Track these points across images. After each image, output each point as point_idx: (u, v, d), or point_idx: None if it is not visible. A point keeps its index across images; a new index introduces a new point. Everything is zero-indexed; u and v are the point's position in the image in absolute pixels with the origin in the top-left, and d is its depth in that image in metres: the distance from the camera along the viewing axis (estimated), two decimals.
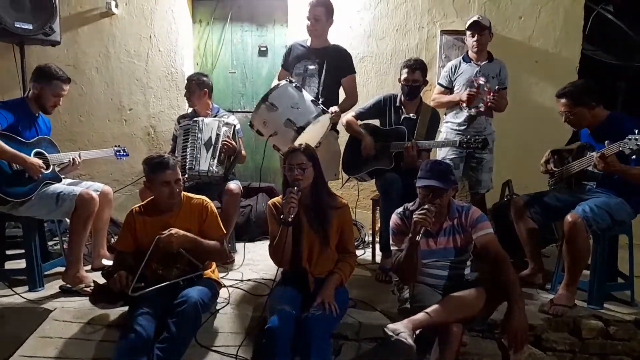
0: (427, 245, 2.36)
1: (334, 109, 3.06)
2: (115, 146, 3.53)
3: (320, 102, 3.09)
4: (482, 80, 3.39)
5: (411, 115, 3.32)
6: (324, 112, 3.00)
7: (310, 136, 2.77)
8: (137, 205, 2.60)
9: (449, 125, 3.64)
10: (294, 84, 3.02)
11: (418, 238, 2.18)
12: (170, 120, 4.40)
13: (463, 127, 3.53)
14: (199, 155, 3.34)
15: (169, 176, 2.41)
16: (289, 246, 2.35)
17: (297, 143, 2.56)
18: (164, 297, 2.34)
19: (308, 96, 3.06)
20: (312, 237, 2.42)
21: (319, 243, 2.41)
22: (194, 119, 3.46)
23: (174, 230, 2.35)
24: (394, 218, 2.46)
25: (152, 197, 2.55)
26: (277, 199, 2.49)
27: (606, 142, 2.55)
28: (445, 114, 3.70)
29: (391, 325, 2.06)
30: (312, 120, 2.89)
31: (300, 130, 2.85)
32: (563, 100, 2.78)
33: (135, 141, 4.54)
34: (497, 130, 3.67)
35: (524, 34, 4.30)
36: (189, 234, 2.40)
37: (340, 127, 3.40)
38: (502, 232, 3.18)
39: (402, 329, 2.02)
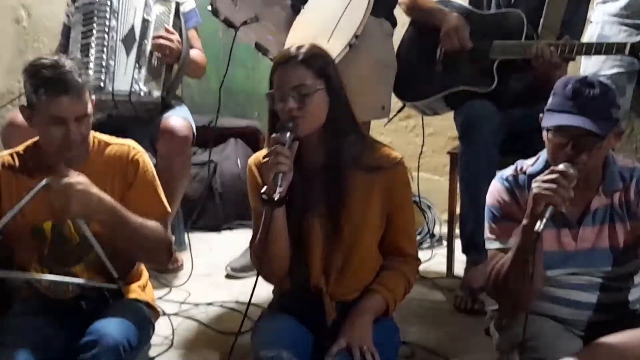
0: (559, 242, 1.63)
1: None
2: None
3: None
4: None
5: None
6: None
7: (325, 25, 1.87)
8: (5, 152, 1.77)
9: (606, 10, 2.41)
10: None
11: (540, 227, 1.45)
12: None
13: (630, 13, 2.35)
14: (112, 62, 2.28)
15: (68, 107, 1.50)
16: (283, 246, 1.55)
17: (292, 41, 1.78)
18: (53, 328, 1.52)
19: None
20: (328, 230, 1.59)
21: (339, 240, 1.57)
22: None
23: (81, 177, 1.45)
24: (495, 189, 1.67)
25: (34, 139, 1.68)
26: (261, 155, 1.61)
27: None
28: None
29: None
30: None
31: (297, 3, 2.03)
32: None
33: None
34: None
35: None
36: (107, 196, 1.49)
37: (399, 14, 2.28)
38: None
39: None
